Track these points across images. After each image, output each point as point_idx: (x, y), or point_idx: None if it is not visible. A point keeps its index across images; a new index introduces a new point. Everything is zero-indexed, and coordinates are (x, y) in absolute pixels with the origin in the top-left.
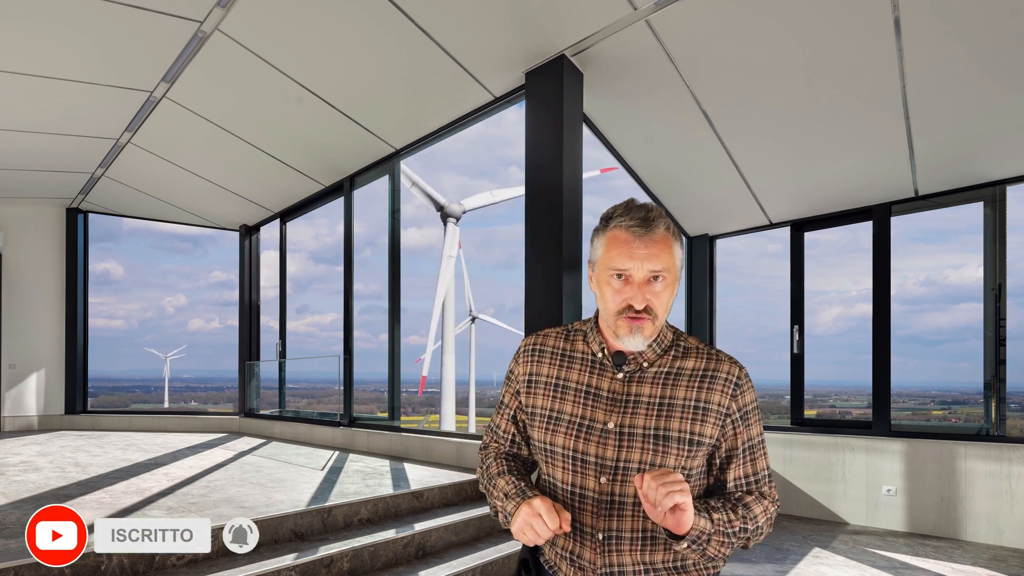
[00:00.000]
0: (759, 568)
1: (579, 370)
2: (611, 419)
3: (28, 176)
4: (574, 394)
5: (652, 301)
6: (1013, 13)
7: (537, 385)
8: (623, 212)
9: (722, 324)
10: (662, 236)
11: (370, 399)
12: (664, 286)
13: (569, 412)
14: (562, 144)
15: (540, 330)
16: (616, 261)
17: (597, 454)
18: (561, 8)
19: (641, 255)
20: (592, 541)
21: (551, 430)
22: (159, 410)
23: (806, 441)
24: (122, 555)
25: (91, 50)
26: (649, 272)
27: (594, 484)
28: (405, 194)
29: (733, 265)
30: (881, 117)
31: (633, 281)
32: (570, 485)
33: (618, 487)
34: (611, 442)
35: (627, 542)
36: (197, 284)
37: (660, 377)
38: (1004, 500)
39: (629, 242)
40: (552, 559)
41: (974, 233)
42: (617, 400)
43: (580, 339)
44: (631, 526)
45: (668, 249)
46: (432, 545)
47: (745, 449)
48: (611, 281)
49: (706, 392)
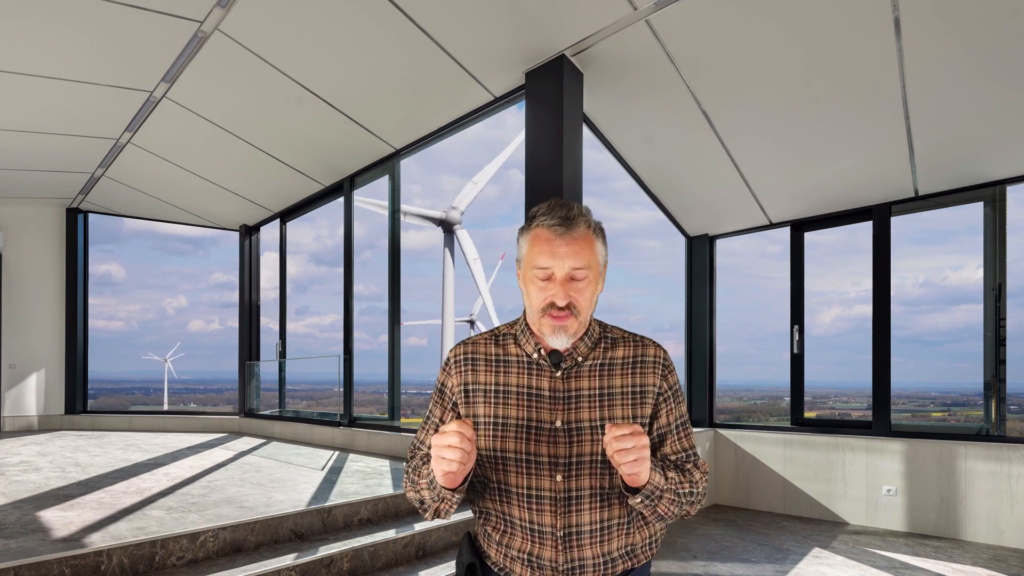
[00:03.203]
0: (759, 568)
1: (517, 373)
2: (557, 417)
3: (28, 176)
4: (516, 397)
5: (575, 298)
6: (1013, 13)
7: (476, 393)
8: (545, 211)
9: (722, 324)
10: (583, 234)
11: (370, 401)
12: (586, 283)
13: (515, 416)
14: (562, 144)
15: (467, 339)
16: (538, 259)
17: (550, 453)
18: (561, 8)
19: (562, 252)
20: (552, 540)
21: (499, 436)
22: (159, 410)
23: (806, 441)
24: (122, 555)
25: (91, 50)
26: (571, 268)
27: (550, 483)
28: (406, 194)
29: (733, 266)
30: (881, 117)
31: (555, 279)
32: (525, 488)
33: (574, 482)
34: (562, 440)
35: (587, 535)
36: (197, 285)
37: (596, 369)
38: (1004, 500)
39: (550, 240)
40: (502, 562)
41: (973, 234)
42: (559, 397)
43: (511, 342)
44: (589, 519)
45: (589, 247)
46: (432, 545)
47: (677, 426)
48: (535, 279)
49: (640, 376)
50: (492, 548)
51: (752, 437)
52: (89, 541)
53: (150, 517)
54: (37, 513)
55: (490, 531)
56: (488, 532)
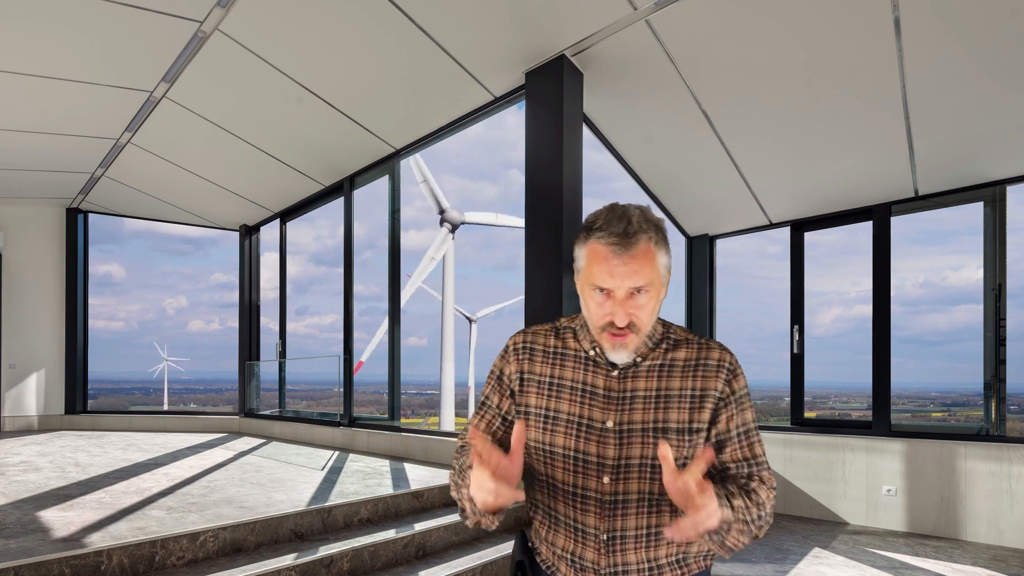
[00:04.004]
0: (759, 568)
1: (573, 367)
2: (609, 417)
3: (28, 176)
4: (570, 392)
5: (635, 315)
6: (1013, 13)
7: (530, 383)
8: (603, 225)
9: (721, 324)
10: (643, 250)
11: (369, 401)
12: (648, 299)
13: (566, 411)
14: (562, 144)
15: (527, 328)
16: (596, 278)
17: (598, 454)
18: (561, 8)
19: (621, 272)
20: (595, 542)
21: (549, 430)
22: (159, 410)
23: (806, 441)
24: (122, 555)
25: (91, 50)
26: (630, 288)
27: (596, 484)
28: (406, 195)
29: (733, 266)
30: (881, 117)
31: (614, 297)
32: (571, 486)
33: (621, 485)
34: (611, 441)
35: (631, 540)
36: (198, 286)
37: (655, 370)
38: (1004, 500)
39: (608, 259)
40: (549, 559)
41: (972, 234)
42: (613, 397)
43: (570, 336)
44: (635, 524)
45: (650, 263)
46: (432, 545)
47: (742, 433)
48: (593, 295)
49: (701, 380)
50: (543, 544)
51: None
52: (89, 541)
53: (150, 517)
54: (37, 513)
55: (537, 525)
56: (536, 527)
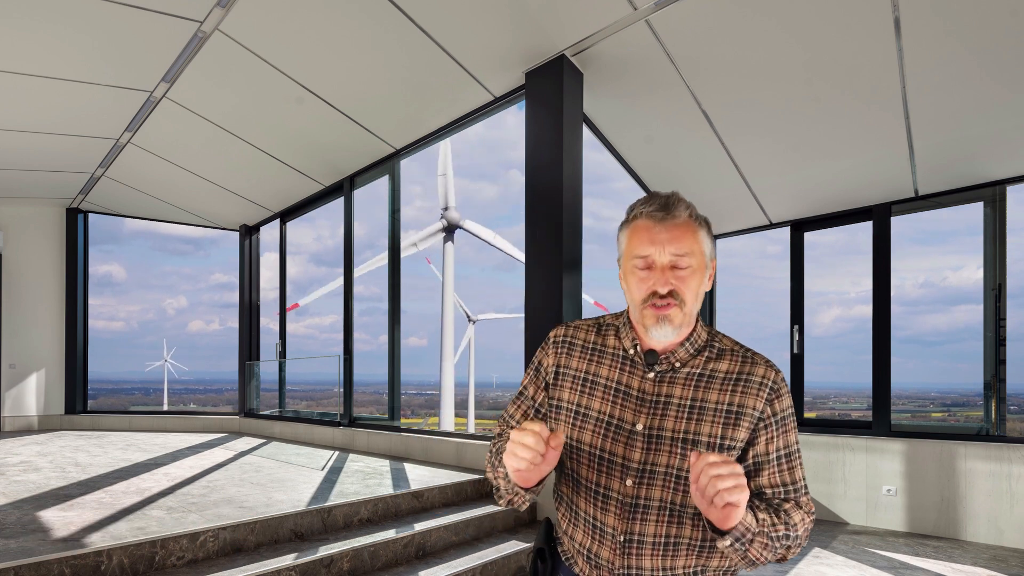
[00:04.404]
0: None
1: (609, 366)
2: (639, 420)
3: (28, 176)
4: (603, 390)
5: (678, 286)
6: (1013, 13)
7: (565, 378)
8: (643, 202)
9: (722, 324)
10: (684, 221)
11: (369, 401)
12: (690, 271)
13: (597, 409)
14: (562, 144)
15: (570, 322)
16: (638, 248)
17: (624, 455)
18: (561, 8)
19: (663, 239)
20: (612, 542)
21: (578, 426)
22: (159, 410)
23: (806, 441)
24: (122, 555)
25: (91, 50)
26: (672, 255)
27: (619, 485)
28: (406, 195)
29: (733, 266)
30: (881, 117)
31: (656, 266)
32: (595, 484)
33: (643, 490)
34: (639, 444)
35: (648, 546)
36: (198, 286)
37: (692, 379)
38: (1004, 500)
39: (650, 228)
40: (570, 551)
41: (972, 235)
42: (646, 400)
43: (612, 334)
44: (654, 531)
45: (692, 233)
46: (432, 545)
47: (781, 456)
48: (635, 270)
49: (740, 396)
50: (564, 536)
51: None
52: (89, 541)
53: (150, 517)
54: (37, 513)
55: (560, 517)
56: (559, 518)
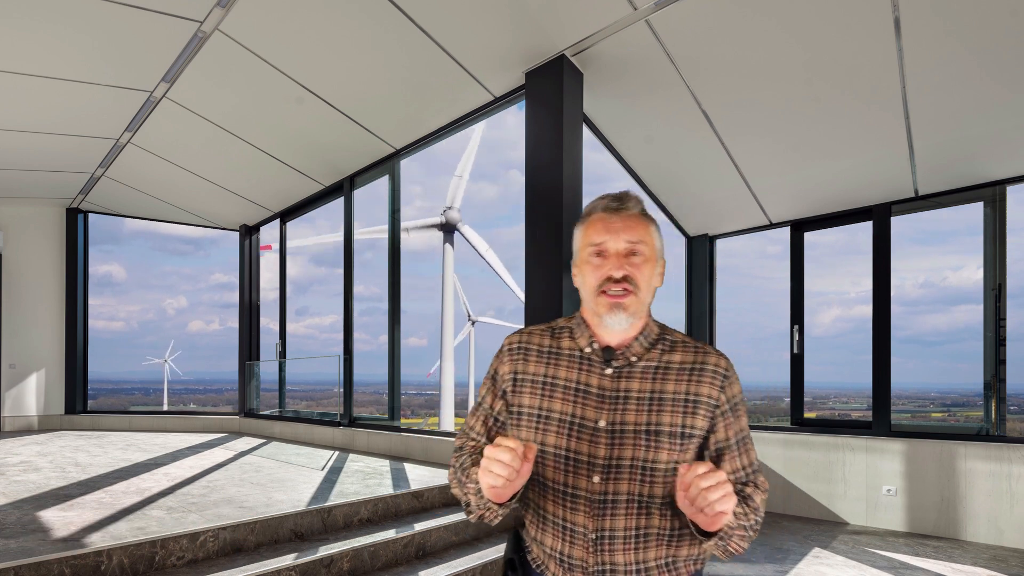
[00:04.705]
0: (759, 568)
1: (567, 367)
2: (602, 417)
3: (28, 176)
4: (563, 391)
5: (632, 272)
6: (1013, 13)
7: (524, 383)
8: (598, 199)
9: (721, 324)
10: (637, 216)
11: (369, 401)
12: (643, 259)
13: (559, 410)
14: (562, 144)
15: (524, 328)
16: (593, 237)
17: (589, 453)
18: (561, 8)
19: (617, 227)
20: (584, 540)
21: (541, 429)
22: (159, 410)
23: (806, 441)
24: (122, 555)
25: (91, 50)
26: (626, 243)
27: (586, 483)
28: (406, 195)
29: (733, 266)
30: (881, 117)
31: (610, 253)
32: (562, 485)
33: (611, 485)
34: (603, 440)
35: (620, 541)
36: (198, 286)
37: (649, 372)
38: (1004, 500)
39: (604, 219)
40: (540, 558)
41: (972, 235)
42: (607, 397)
43: (566, 336)
44: (624, 524)
45: (644, 226)
46: (432, 545)
47: (738, 441)
48: (591, 259)
49: (696, 385)
50: (534, 544)
51: (752, 437)
52: (89, 541)
53: (150, 517)
54: (37, 513)
55: (528, 524)
56: (527, 525)
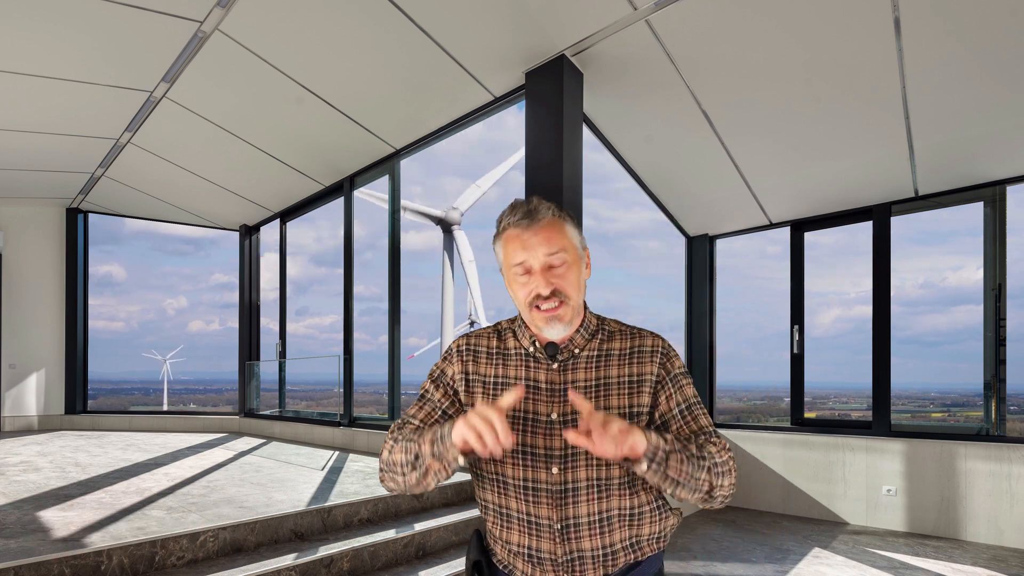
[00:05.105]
0: (759, 568)
1: (515, 366)
2: (554, 410)
3: (28, 176)
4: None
5: (558, 284)
6: (1013, 13)
7: (475, 384)
8: (508, 213)
9: (722, 325)
10: (549, 222)
11: (369, 401)
12: (566, 267)
13: (512, 408)
14: (562, 144)
15: (469, 332)
16: (513, 256)
17: (546, 445)
18: (561, 8)
19: (533, 243)
20: (550, 532)
21: None
22: (159, 410)
23: (806, 441)
24: (122, 555)
25: (91, 50)
26: (545, 256)
27: (546, 476)
28: (406, 195)
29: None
30: (881, 117)
31: (534, 270)
32: (522, 480)
33: (570, 474)
34: (557, 432)
35: (585, 527)
36: (198, 286)
37: (592, 360)
38: (1004, 500)
39: (519, 236)
40: (505, 558)
41: (972, 235)
42: (556, 390)
43: (510, 336)
44: (587, 510)
45: (559, 231)
46: (432, 545)
47: (683, 410)
48: (516, 277)
49: (637, 366)
50: (497, 544)
51: (752, 437)
52: (89, 541)
53: (150, 517)
54: (37, 513)
55: (490, 526)
56: (489, 527)
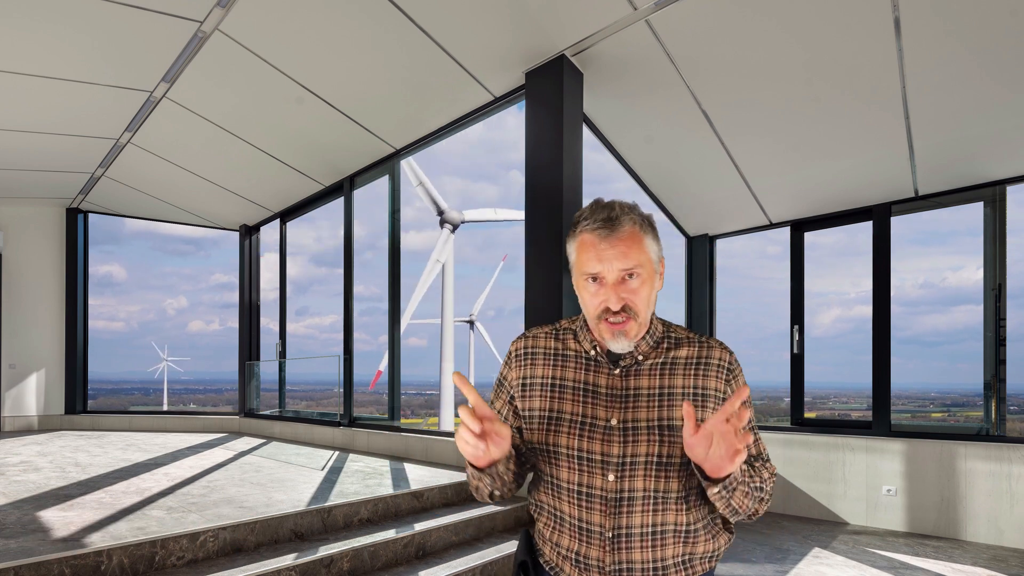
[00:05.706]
0: (759, 568)
1: (575, 368)
2: (613, 415)
3: (28, 176)
4: (572, 392)
5: (629, 299)
6: (1013, 13)
7: (533, 387)
8: (588, 215)
9: (721, 325)
10: (629, 233)
11: (369, 401)
12: (640, 282)
13: (569, 411)
14: (562, 144)
15: (528, 332)
16: (586, 265)
17: (603, 451)
18: (561, 8)
19: (609, 256)
20: (600, 540)
21: (552, 430)
22: (159, 410)
23: (806, 441)
24: (122, 555)
25: (91, 50)
26: (620, 271)
27: (601, 482)
28: (406, 195)
29: (732, 267)
30: (881, 117)
31: (606, 283)
32: (576, 484)
33: (626, 483)
34: (616, 438)
35: (637, 538)
36: (198, 286)
37: (656, 368)
38: (1004, 500)
39: (595, 244)
40: (553, 560)
41: (972, 235)
42: (617, 395)
43: (571, 338)
44: (640, 521)
45: (638, 244)
46: (432, 545)
47: (744, 430)
48: (586, 285)
49: (703, 379)
50: (546, 545)
51: None
52: (89, 541)
53: (150, 517)
54: (37, 513)
55: (542, 527)
56: (540, 528)
